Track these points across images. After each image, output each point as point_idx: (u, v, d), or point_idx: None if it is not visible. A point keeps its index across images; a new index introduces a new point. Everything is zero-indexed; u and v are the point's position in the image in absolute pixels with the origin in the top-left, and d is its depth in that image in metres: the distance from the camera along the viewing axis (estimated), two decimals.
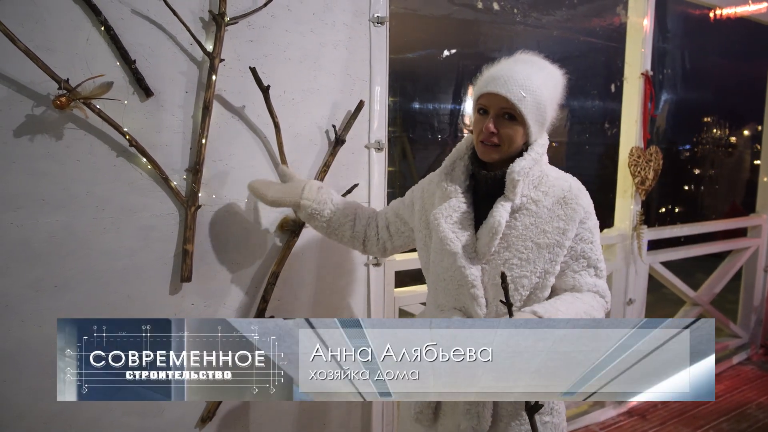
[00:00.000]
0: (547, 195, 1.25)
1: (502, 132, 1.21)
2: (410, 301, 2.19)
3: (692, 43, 4.01)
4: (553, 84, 1.23)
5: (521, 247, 1.23)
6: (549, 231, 1.23)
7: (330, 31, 1.76)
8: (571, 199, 1.25)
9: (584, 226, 1.27)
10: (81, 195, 1.42)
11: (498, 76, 1.19)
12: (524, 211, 1.24)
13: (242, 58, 1.60)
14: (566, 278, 1.28)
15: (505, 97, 1.17)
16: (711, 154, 4.92)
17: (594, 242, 1.29)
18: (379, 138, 1.91)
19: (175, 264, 1.57)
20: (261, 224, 1.71)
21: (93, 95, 1.37)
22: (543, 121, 1.23)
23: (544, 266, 1.24)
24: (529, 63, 1.23)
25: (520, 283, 1.23)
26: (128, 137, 1.43)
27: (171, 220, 1.55)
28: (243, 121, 1.64)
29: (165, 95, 1.50)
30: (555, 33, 2.76)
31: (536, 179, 1.25)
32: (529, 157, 1.22)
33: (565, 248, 1.24)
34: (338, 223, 1.52)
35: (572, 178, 1.31)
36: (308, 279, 1.83)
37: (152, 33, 1.47)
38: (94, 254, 1.45)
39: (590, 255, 1.28)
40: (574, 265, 1.28)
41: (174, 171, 1.54)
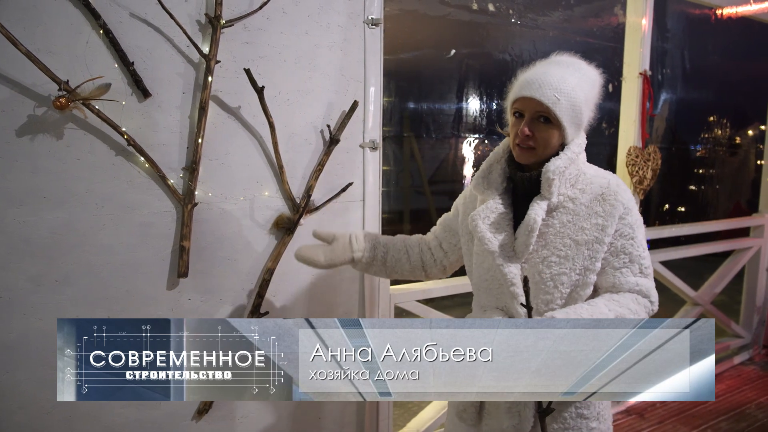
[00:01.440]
0: (584, 192, 1.26)
1: (538, 135, 1.23)
2: (406, 298, 2.22)
3: (693, 42, 4.00)
4: (588, 84, 1.24)
5: (559, 245, 1.24)
6: (587, 228, 1.23)
7: (325, 32, 1.80)
8: (609, 196, 1.24)
9: (624, 221, 1.25)
10: (81, 192, 1.47)
11: (532, 80, 1.21)
12: (561, 209, 1.25)
13: (238, 60, 1.64)
14: (607, 276, 1.27)
15: (539, 100, 1.19)
16: (713, 154, 4.90)
17: (635, 238, 1.26)
18: (373, 137, 1.95)
19: (172, 260, 1.61)
20: (256, 221, 1.75)
21: (92, 96, 1.41)
22: (579, 122, 1.24)
23: (584, 263, 1.24)
24: (563, 65, 1.24)
25: (559, 280, 1.24)
26: (126, 137, 1.48)
27: (168, 217, 1.59)
28: (239, 121, 1.68)
29: (162, 96, 1.55)
30: (552, 33, 2.77)
31: (573, 178, 1.26)
32: (564, 156, 1.23)
33: (605, 245, 1.24)
34: (394, 260, 1.54)
35: (611, 175, 1.30)
36: (303, 275, 1.87)
37: (150, 36, 1.51)
38: (94, 250, 1.50)
39: (631, 251, 1.26)
40: (614, 261, 1.26)
41: (171, 169, 1.58)
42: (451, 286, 2.33)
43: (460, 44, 3.03)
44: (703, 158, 4.90)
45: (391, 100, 3.14)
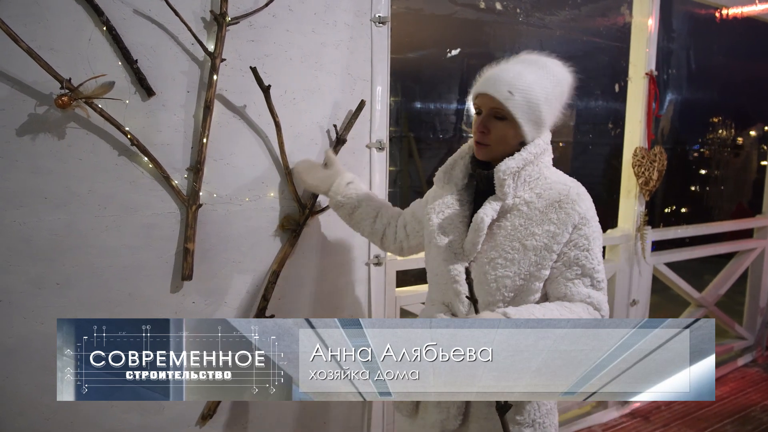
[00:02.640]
0: (540, 197, 1.23)
1: (493, 131, 1.21)
2: (412, 300, 2.19)
3: (698, 42, 3.98)
4: (551, 82, 1.21)
5: (507, 248, 1.22)
6: (538, 234, 1.20)
7: (331, 30, 1.76)
8: (566, 204, 1.20)
9: (579, 232, 1.21)
10: (83, 193, 1.43)
11: (489, 76, 1.21)
12: (515, 212, 1.23)
13: (243, 58, 1.61)
14: (558, 285, 1.24)
15: (492, 96, 1.18)
16: (717, 155, 4.88)
17: (591, 250, 1.22)
18: (380, 138, 1.92)
19: (176, 262, 1.58)
20: (262, 223, 1.71)
21: (95, 95, 1.38)
22: (538, 120, 1.21)
23: (529, 269, 1.21)
24: (525, 62, 1.22)
25: (502, 282, 1.22)
26: (130, 136, 1.44)
27: (172, 219, 1.56)
28: (244, 121, 1.65)
29: (166, 95, 1.51)
30: (558, 33, 2.75)
31: (532, 180, 1.24)
32: (518, 156, 1.21)
33: (554, 253, 1.21)
34: (360, 217, 1.59)
35: (574, 182, 1.27)
36: (309, 278, 1.83)
37: (154, 33, 1.48)
38: (96, 252, 1.47)
39: (584, 263, 1.22)
40: (566, 272, 1.22)
41: (175, 170, 1.55)
42: None
43: (465, 43, 3.01)
44: (707, 159, 4.88)
45: (396, 99, 3.11)
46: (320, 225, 1.83)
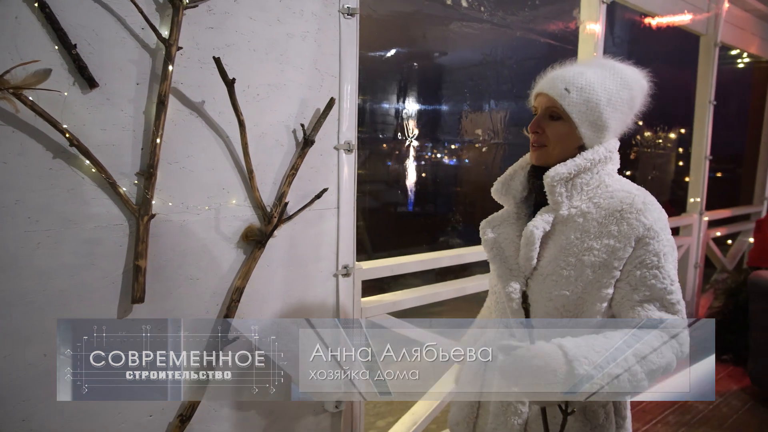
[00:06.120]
0: (599, 207, 1.10)
1: (547, 131, 1.13)
2: (377, 311, 2.07)
3: (636, 48, 4.15)
4: (616, 84, 1.11)
5: (562, 263, 1.09)
6: (596, 248, 1.07)
7: (298, 20, 1.60)
8: (629, 214, 1.06)
9: (647, 247, 1.06)
10: (9, 204, 1.19)
11: (548, 76, 1.14)
12: (570, 224, 1.11)
13: (202, 47, 1.42)
14: (623, 310, 1.08)
15: (548, 94, 1.11)
16: (643, 156, 5.16)
17: (662, 268, 1.06)
18: (348, 139, 1.78)
19: (124, 283, 1.36)
20: (223, 234, 1.52)
21: (25, 85, 1.14)
22: (597, 122, 1.11)
23: (587, 288, 1.08)
24: (591, 64, 1.15)
25: (560, 302, 1.11)
26: (68, 135, 1.22)
27: (119, 232, 1.34)
28: (203, 118, 1.45)
29: (112, 87, 1.29)
30: (518, 34, 2.74)
31: (591, 189, 1.12)
32: (572, 162, 1.10)
33: (615, 270, 1.07)
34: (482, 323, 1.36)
35: (641, 190, 1.12)
36: (275, 293, 1.66)
37: (97, 13, 1.26)
38: (26, 274, 1.22)
39: (653, 283, 1.05)
40: (633, 294, 1.07)
41: (123, 175, 1.33)
42: (420, 297, 2.21)
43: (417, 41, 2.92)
44: (634, 161, 5.13)
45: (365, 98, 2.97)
46: (287, 235, 1.66)
